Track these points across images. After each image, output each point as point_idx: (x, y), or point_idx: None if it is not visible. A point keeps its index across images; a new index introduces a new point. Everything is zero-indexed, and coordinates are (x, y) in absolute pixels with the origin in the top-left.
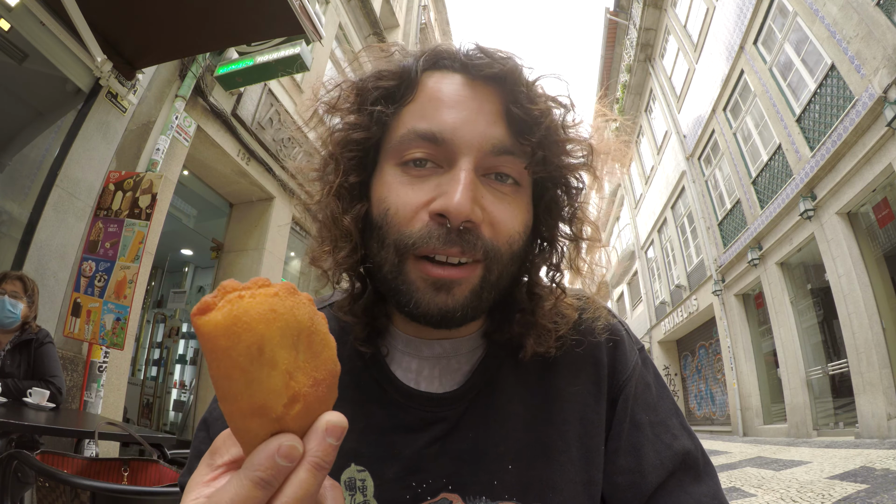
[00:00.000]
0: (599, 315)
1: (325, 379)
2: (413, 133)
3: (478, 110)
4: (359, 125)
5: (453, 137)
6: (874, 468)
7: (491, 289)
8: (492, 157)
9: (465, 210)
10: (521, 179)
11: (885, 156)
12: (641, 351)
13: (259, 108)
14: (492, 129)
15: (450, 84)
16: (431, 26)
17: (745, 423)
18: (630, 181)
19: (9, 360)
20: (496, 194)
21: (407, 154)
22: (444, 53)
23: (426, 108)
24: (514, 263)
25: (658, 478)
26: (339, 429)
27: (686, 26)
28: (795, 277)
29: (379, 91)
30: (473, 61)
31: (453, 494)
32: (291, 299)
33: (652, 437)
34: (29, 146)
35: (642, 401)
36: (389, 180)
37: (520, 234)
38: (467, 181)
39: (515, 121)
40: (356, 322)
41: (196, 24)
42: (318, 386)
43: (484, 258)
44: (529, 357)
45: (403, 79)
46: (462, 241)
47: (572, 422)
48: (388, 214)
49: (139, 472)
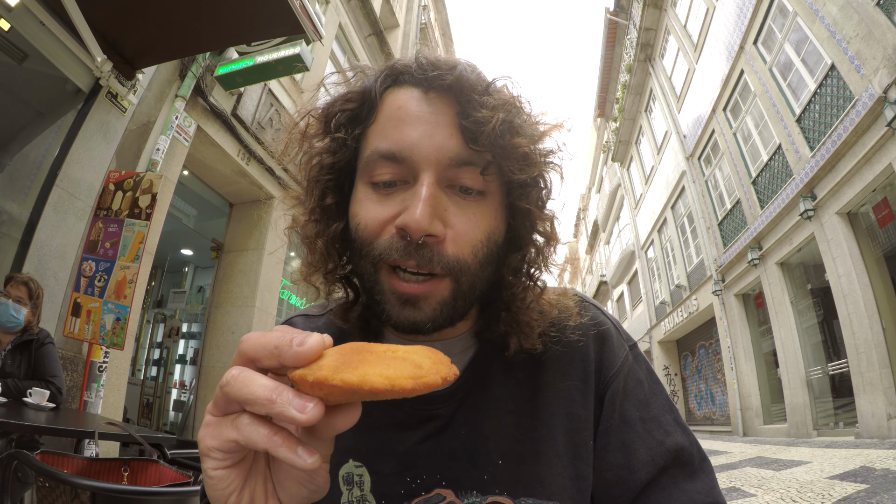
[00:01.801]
0: (585, 312)
1: (340, 388)
2: (376, 154)
3: (434, 123)
4: (328, 150)
5: (412, 154)
6: (874, 468)
7: (465, 297)
8: (452, 168)
9: (423, 225)
10: (485, 187)
11: (885, 156)
12: (633, 348)
13: (259, 108)
14: (449, 142)
15: (407, 100)
16: (431, 26)
17: (745, 423)
18: (630, 181)
19: (9, 361)
20: (460, 205)
21: (374, 173)
22: (400, 69)
23: (387, 127)
24: (486, 269)
25: (648, 474)
26: (305, 405)
27: (686, 26)
28: (795, 277)
29: (344, 114)
30: (427, 74)
31: (446, 490)
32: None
33: (643, 433)
34: (29, 146)
35: (633, 397)
36: (361, 197)
37: (483, 242)
38: (427, 196)
39: (467, 130)
40: (352, 327)
41: (196, 24)
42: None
43: (447, 272)
44: (514, 354)
45: (365, 99)
46: (418, 255)
47: (559, 417)
48: (359, 229)
49: (139, 472)
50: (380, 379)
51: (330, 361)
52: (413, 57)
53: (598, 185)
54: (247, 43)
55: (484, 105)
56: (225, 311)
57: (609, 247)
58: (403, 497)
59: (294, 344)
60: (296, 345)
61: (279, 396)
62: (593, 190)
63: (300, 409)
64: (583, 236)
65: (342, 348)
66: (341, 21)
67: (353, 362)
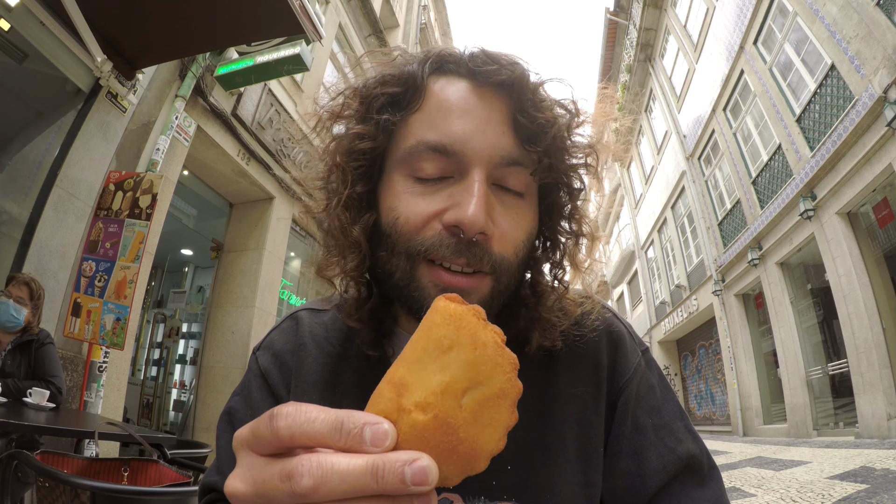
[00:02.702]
0: (602, 315)
1: (458, 436)
2: (423, 144)
3: (486, 119)
4: (365, 135)
5: (464, 148)
6: (874, 468)
7: (500, 296)
8: (501, 167)
9: (479, 222)
10: (528, 187)
11: (885, 156)
12: (645, 353)
13: (259, 109)
14: (501, 140)
15: (457, 91)
16: (431, 26)
17: (745, 423)
18: (630, 181)
19: (9, 361)
20: (505, 204)
21: (417, 165)
22: (449, 58)
23: (434, 118)
24: (522, 269)
25: (659, 482)
26: (422, 473)
27: (686, 26)
28: (795, 277)
29: (384, 98)
30: (480, 67)
31: (454, 494)
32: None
33: (655, 441)
34: (29, 146)
35: (645, 403)
36: (399, 189)
37: (524, 243)
38: (481, 193)
39: (522, 129)
40: (363, 327)
41: (196, 24)
42: (449, 427)
43: (491, 271)
44: (535, 350)
45: (409, 85)
46: (469, 254)
47: (570, 423)
48: (398, 223)
49: (139, 472)
50: (503, 443)
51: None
52: (462, 48)
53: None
54: (247, 43)
55: (542, 107)
56: (225, 311)
57: (609, 247)
58: None
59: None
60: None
61: None
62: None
63: None
64: None
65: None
66: (341, 21)
67: (456, 447)
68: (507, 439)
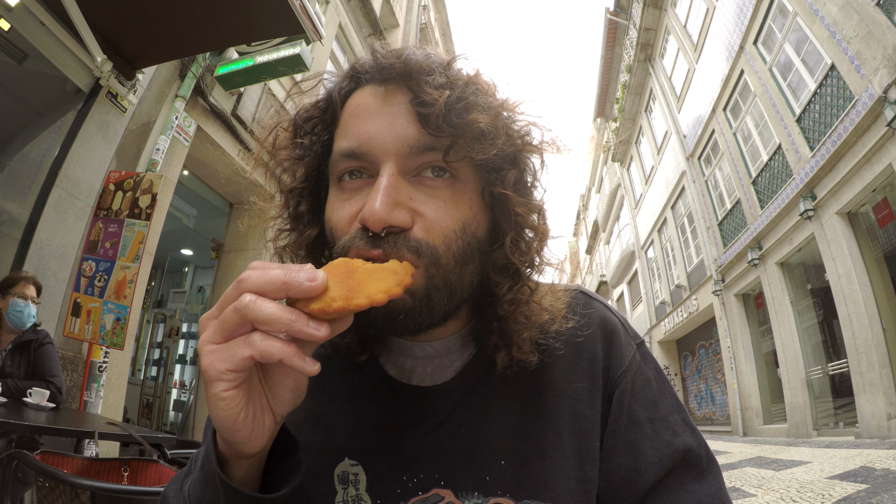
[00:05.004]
0: (591, 308)
1: (356, 276)
2: (338, 153)
3: (391, 114)
4: (296, 158)
5: (370, 148)
6: (874, 468)
7: (439, 293)
8: (414, 156)
9: (381, 215)
10: (455, 172)
11: (885, 156)
12: (640, 346)
13: (259, 108)
14: (407, 130)
15: (364, 96)
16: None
17: (745, 423)
18: (630, 181)
19: (9, 361)
20: (429, 193)
21: (339, 174)
22: (358, 69)
23: (347, 126)
24: (464, 266)
25: (656, 475)
26: (314, 272)
27: (686, 26)
28: (795, 277)
29: (310, 122)
30: (379, 67)
31: (445, 490)
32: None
33: (651, 434)
34: (29, 146)
35: (641, 396)
36: (332, 200)
37: (456, 233)
38: (385, 186)
39: (422, 114)
40: (350, 339)
41: (196, 24)
42: (351, 268)
43: (416, 256)
44: (504, 369)
45: (329, 104)
46: (384, 244)
47: (566, 418)
48: (332, 231)
49: (139, 472)
50: (382, 296)
51: (336, 292)
52: (370, 54)
53: (598, 185)
54: (247, 43)
55: (433, 85)
56: None
57: (609, 247)
58: (400, 496)
59: (305, 280)
60: (307, 281)
61: (298, 317)
62: (593, 190)
63: (316, 328)
64: (583, 236)
65: (333, 271)
66: (341, 21)
67: (354, 286)
68: (386, 300)
